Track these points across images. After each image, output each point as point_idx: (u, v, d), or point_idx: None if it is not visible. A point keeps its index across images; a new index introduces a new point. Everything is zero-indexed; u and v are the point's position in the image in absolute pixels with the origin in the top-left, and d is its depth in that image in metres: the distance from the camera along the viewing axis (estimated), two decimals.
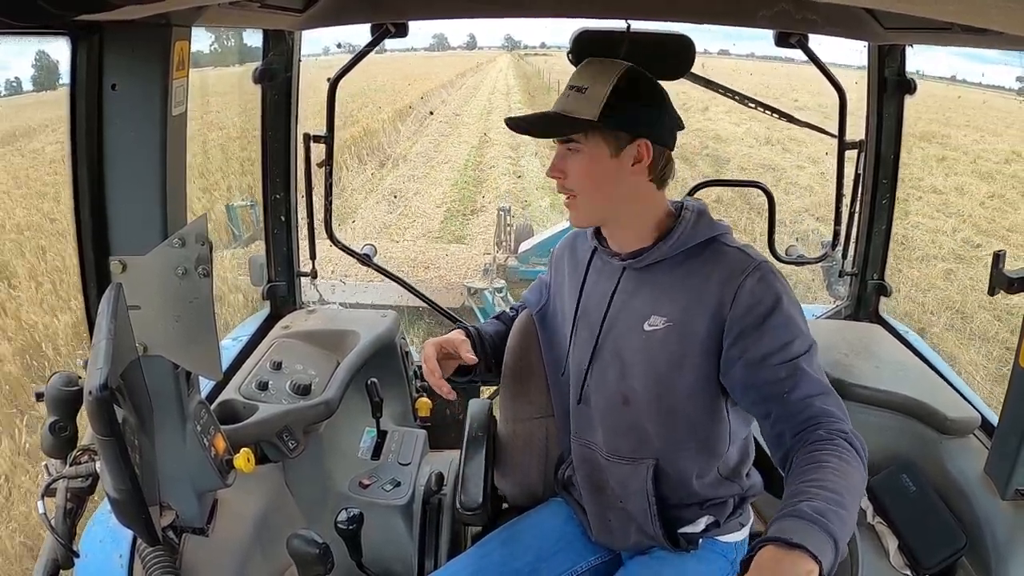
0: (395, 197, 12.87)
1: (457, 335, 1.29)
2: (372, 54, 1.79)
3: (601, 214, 1.15)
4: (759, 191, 2.06)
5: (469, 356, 1.23)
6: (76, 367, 1.05)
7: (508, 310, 1.45)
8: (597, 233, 1.21)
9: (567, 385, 1.27)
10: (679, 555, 1.19)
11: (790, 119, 1.87)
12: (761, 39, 1.67)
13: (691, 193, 2.05)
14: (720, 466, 1.18)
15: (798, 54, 1.72)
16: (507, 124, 1.13)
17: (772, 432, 1.04)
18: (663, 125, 1.11)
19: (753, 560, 0.81)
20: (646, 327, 1.12)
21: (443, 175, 14.68)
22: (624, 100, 1.08)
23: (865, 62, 1.88)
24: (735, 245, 1.12)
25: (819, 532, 0.82)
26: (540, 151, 14.87)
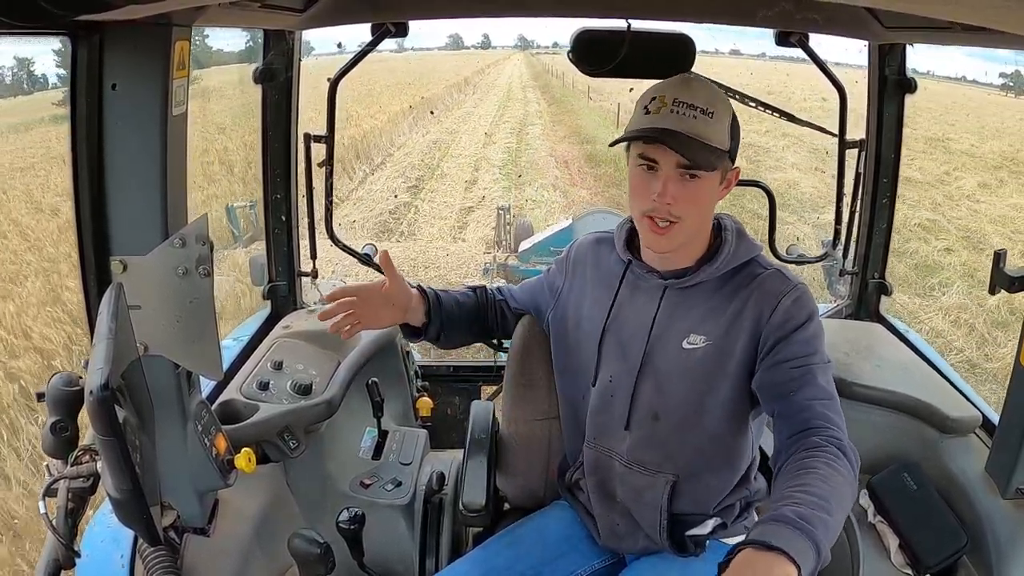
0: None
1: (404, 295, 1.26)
2: (389, 54, 1.78)
3: (689, 239, 1.12)
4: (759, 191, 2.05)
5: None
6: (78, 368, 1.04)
7: (494, 289, 1.40)
8: (629, 245, 1.20)
9: (591, 394, 1.24)
10: (684, 557, 1.19)
11: (790, 118, 1.86)
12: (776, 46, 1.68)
13: None
14: (736, 481, 1.19)
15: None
16: (633, 135, 1.06)
17: (775, 430, 1.06)
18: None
19: (731, 562, 0.81)
20: (685, 345, 1.13)
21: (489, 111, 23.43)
22: (736, 127, 1.09)
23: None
24: (771, 267, 1.14)
25: (801, 537, 0.82)
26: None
